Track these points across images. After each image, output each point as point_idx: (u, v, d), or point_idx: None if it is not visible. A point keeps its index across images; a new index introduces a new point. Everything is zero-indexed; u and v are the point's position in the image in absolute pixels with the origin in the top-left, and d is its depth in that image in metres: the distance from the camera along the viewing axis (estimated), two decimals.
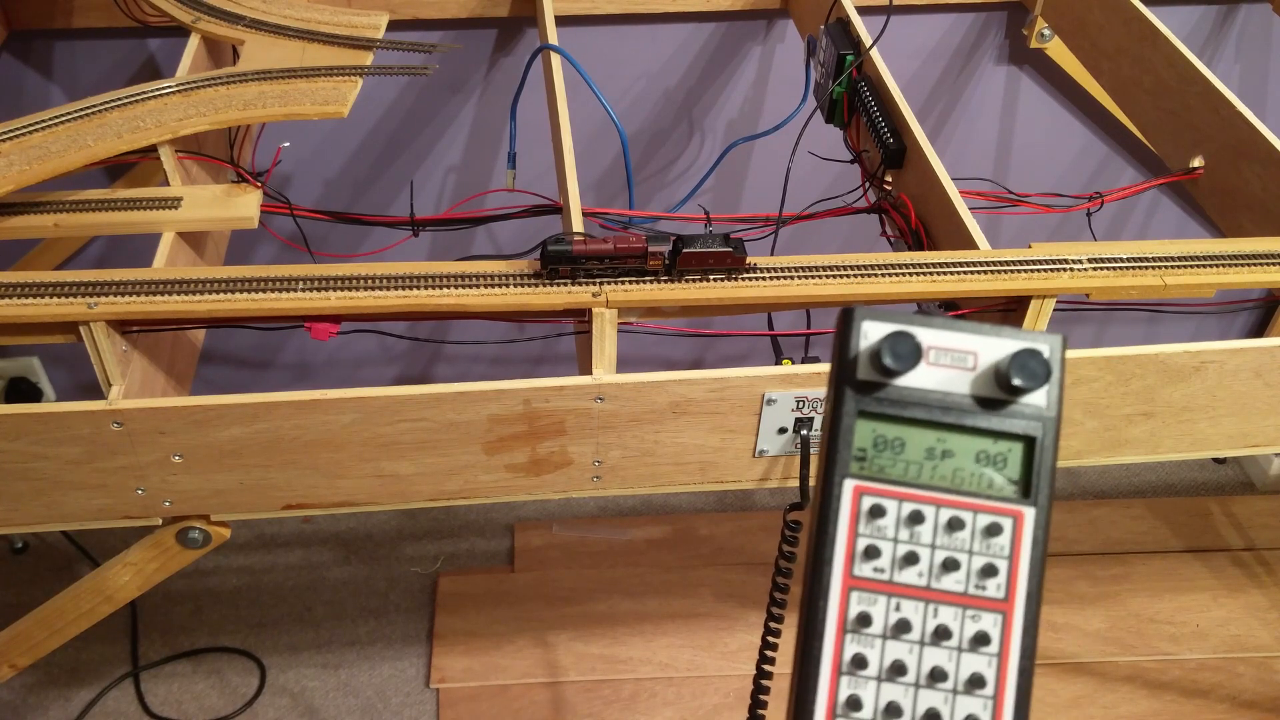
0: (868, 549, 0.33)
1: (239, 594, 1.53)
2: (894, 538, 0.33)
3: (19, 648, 0.92)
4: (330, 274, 0.77)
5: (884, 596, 0.32)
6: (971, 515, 0.33)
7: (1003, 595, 0.32)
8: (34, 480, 0.76)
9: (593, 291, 0.76)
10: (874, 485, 0.33)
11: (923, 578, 0.33)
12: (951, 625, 0.32)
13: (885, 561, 0.33)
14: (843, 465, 0.33)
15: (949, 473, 0.33)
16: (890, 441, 0.33)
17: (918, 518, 0.33)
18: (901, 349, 0.32)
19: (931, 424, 0.33)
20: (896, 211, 0.93)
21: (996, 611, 0.32)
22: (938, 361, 0.33)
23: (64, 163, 0.83)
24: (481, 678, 1.43)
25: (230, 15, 1.03)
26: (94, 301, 0.74)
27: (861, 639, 0.32)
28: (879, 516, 0.33)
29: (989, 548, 0.32)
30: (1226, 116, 0.92)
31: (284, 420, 0.74)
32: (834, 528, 0.33)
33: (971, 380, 0.33)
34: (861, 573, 0.33)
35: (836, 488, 0.33)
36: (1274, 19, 1.44)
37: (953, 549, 0.33)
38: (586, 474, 0.81)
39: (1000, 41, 1.41)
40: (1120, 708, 1.42)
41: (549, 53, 1.02)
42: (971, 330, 0.33)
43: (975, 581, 0.32)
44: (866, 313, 0.33)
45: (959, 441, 0.33)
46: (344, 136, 1.37)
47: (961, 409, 0.33)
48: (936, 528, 0.33)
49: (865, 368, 0.33)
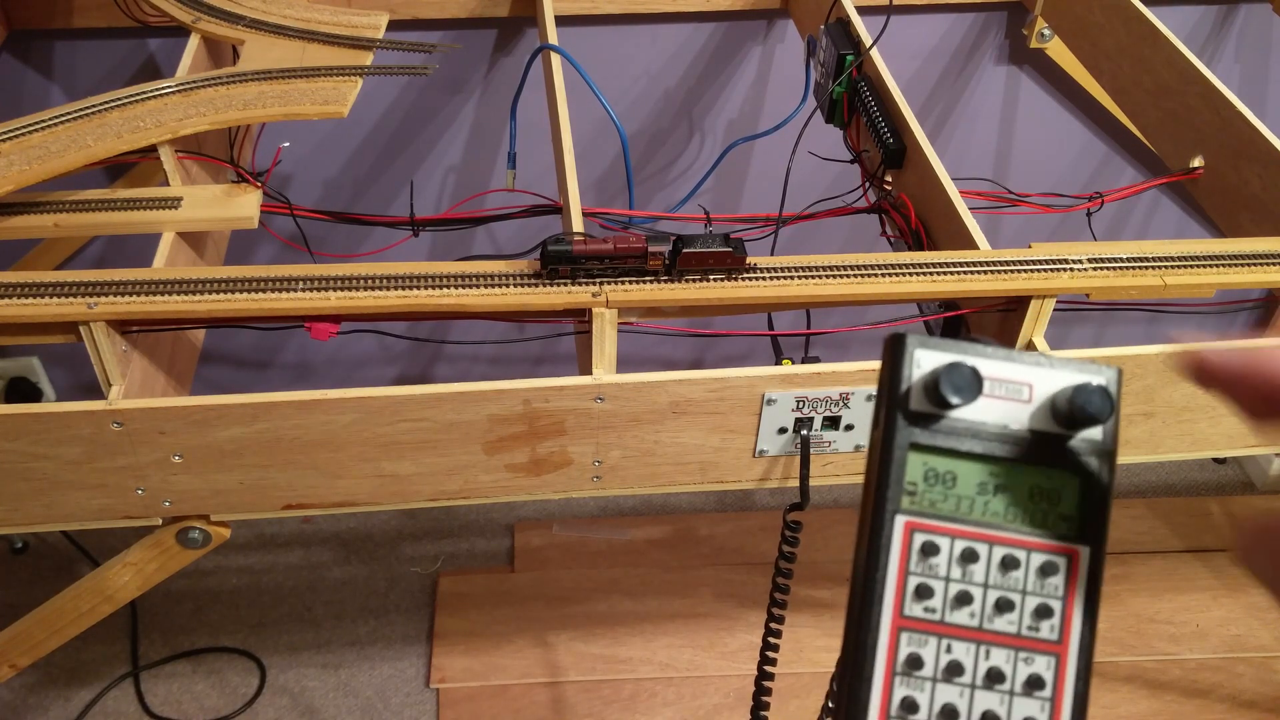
0: (919, 588, 0.32)
1: (239, 594, 1.53)
2: (946, 576, 0.32)
3: (19, 647, 0.92)
4: (330, 274, 0.77)
5: (935, 638, 0.31)
6: (1026, 554, 0.32)
7: (1056, 637, 0.31)
8: (34, 480, 0.76)
9: (593, 291, 0.76)
10: (926, 521, 0.32)
11: (975, 618, 0.31)
12: (1004, 668, 0.31)
13: (937, 601, 0.32)
14: (894, 500, 0.32)
15: (1001, 509, 0.32)
16: (941, 475, 0.32)
17: (971, 556, 0.32)
18: (961, 380, 0.31)
19: (985, 458, 0.32)
20: (896, 211, 0.93)
21: (1050, 654, 0.31)
22: (992, 393, 0.32)
23: (64, 163, 0.83)
24: (481, 678, 1.43)
25: (230, 15, 1.03)
26: (94, 301, 0.74)
27: (912, 682, 0.31)
28: (932, 554, 0.32)
29: (1043, 587, 0.31)
30: (1226, 116, 0.92)
31: (284, 420, 0.74)
32: (884, 566, 0.32)
33: (1029, 414, 0.32)
34: (912, 613, 0.32)
35: (888, 524, 0.32)
36: (1274, 19, 1.44)
37: (1006, 589, 0.31)
38: (586, 474, 0.81)
39: (1000, 41, 1.41)
40: (1120, 708, 1.42)
41: (549, 53, 1.02)
42: (1028, 361, 0.32)
43: (1029, 622, 0.31)
44: (920, 341, 0.32)
45: (1013, 476, 0.32)
46: (344, 136, 1.37)
47: (1016, 442, 0.32)
48: (990, 566, 0.32)
49: (919, 398, 0.32)
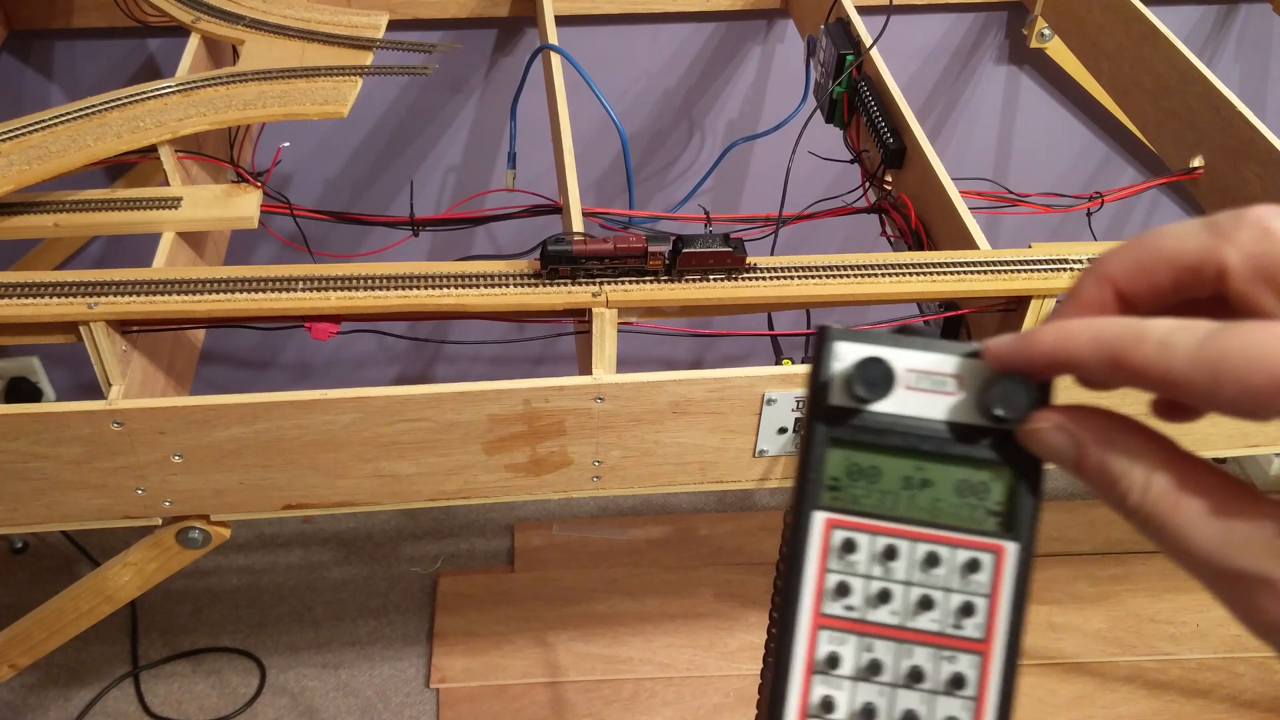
0: (839, 585, 0.31)
1: (239, 594, 1.53)
2: (866, 574, 0.31)
3: (19, 648, 0.92)
4: (330, 274, 0.77)
5: (855, 636, 0.31)
6: (950, 550, 0.31)
7: (981, 635, 0.30)
8: (34, 480, 0.76)
9: (593, 291, 0.76)
10: (846, 518, 0.31)
11: (896, 616, 0.31)
12: (926, 667, 0.30)
13: (857, 599, 0.31)
14: (813, 497, 0.31)
15: (927, 504, 0.31)
16: (865, 470, 0.31)
17: (892, 553, 0.31)
18: (873, 375, 0.30)
19: (908, 452, 0.31)
20: (896, 211, 0.93)
21: (974, 653, 0.30)
22: (917, 385, 0.31)
23: (64, 163, 0.83)
24: (481, 678, 1.43)
25: (230, 15, 1.03)
26: (94, 301, 0.74)
27: (830, 680, 0.31)
28: (851, 551, 0.31)
29: (968, 584, 0.31)
30: (1226, 116, 0.92)
31: (284, 420, 0.74)
32: (803, 563, 0.31)
33: (952, 406, 0.30)
34: (831, 611, 0.31)
35: (806, 520, 0.31)
36: (1274, 19, 1.44)
37: (929, 586, 0.31)
38: (586, 474, 0.81)
39: (1000, 41, 1.41)
40: (1120, 707, 1.42)
41: (549, 52, 1.02)
42: (954, 351, 0.30)
43: (952, 620, 0.31)
44: (841, 333, 0.31)
45: (938, 471, 0.31)
46: (344, 136, 1.37)
47: (940, 436, 0.31)
48: (912, 563, 0.31)
49: (839, 393, 0.31)
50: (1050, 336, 0.28)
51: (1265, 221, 0.26)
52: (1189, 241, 0.27)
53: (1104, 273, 0.28)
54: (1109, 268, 0.28)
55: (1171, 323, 0.26)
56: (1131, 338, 0.26)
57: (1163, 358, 0.25)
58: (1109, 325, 0.27)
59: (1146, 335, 0.26)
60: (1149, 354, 0.26)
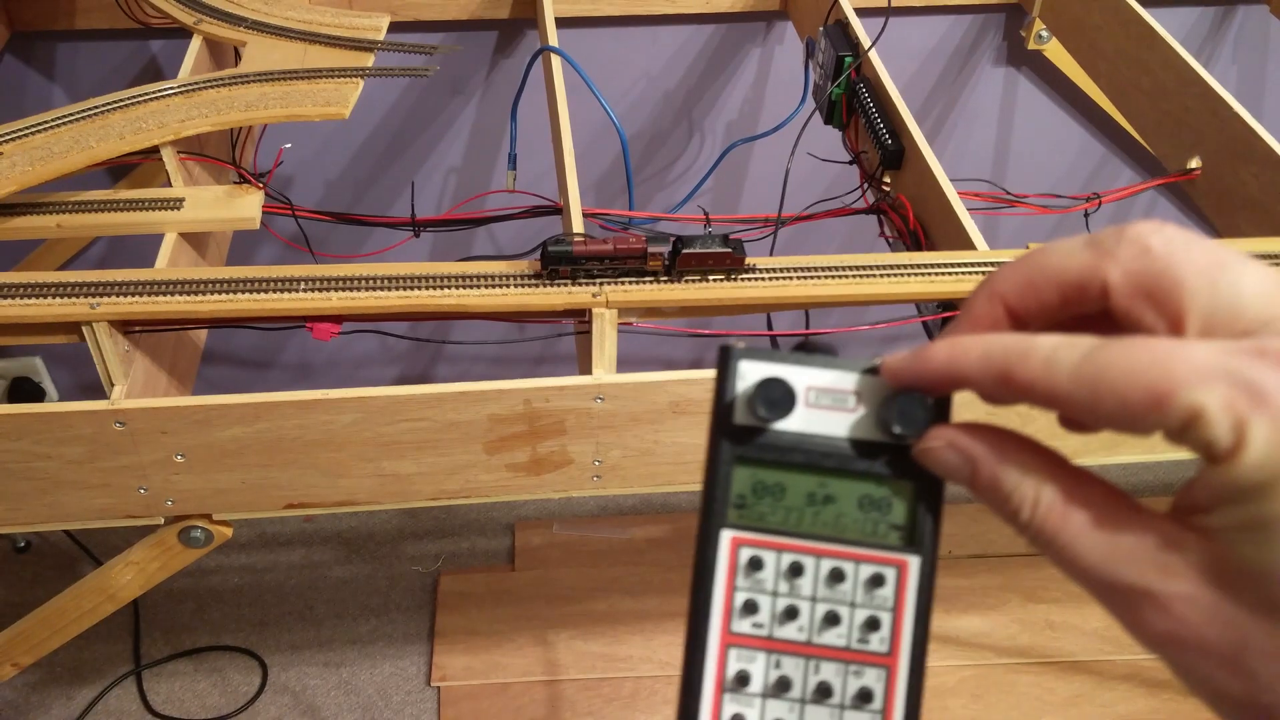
0: (746, 603, 0.31)
1: (241, 593, 1.54)
2: (773, 591, 0.31)
3: (21, 646, 0.92)
4: (332, 274, 0.77)
5: (764, 653, 0.31)
6: (854, 566, 0.31)
7: (886, 649, 0.31)
8: (36, 480, 0.77)
9: (593, 292, 0.76)
10: (752, 536, 0.31)
11: (804, 632, 0.31)
12: (834, 682, 0.31)
13: (765, 617, 0.31)
14: (720, 515, 0.31)
15: (831, 520, 0.31)
16: (770, 487, 0.31)
17: (798, 570, 0.31)
18: (774, 394, 0.31)
19: (811, 469, 0.31)
20: (895, 212, 0.94)
21: (880, 666, 0.31)
22: (818, 403, 0.31)
23: (67, 164, 0.83)
24: (482, 676, 1.43)
25: (232, 17, 1.03)
26: (96, 302, 0.74)
27: (741, 699, 0.31)
28: (758, 569, 0.31)
29: (872, 599, 0.31)
30: (1224, 118, 0.93)
31: (285, 420, 0.75)
32: (711, 582, 0.31)
33: (854, 423, 0.31)
34: (740, 629, 0.31)
35: (713, 538, 0.31)
36: (1271, 21, 1.44)
37: (834, 602, 0.31)
38: (586, 473, 0.82)
39: (998, 43, 1.41)
40: (1118, 706, 1.42)
41: (549, 54, 1.02)
42: (853, 368, 0.31)
43: (858, 635, 0.31)
44: (744, 353, 0.31)
45: (841, 486, 0.31)
46: (345, 138, 1.38)
47: (843, 453, 0.31)
48: (818, 580, 0.31)
49: (743, 412, 0.31)
50: (942, 353, 0.28)
51: (1144, 239, 0.26)
52: (1073, 259, 0.27)
53: (995, 290, 0.29)
54: (999, 285, 0.28)
55: (1056, 339, 0.26)
56: (1017, 354, 0.26)
57: (1047, 374, 0.26)
58: (997, 342, 0.27)
59: (1032, 352, 0.26)
60: (1034, 370, 0.26)
